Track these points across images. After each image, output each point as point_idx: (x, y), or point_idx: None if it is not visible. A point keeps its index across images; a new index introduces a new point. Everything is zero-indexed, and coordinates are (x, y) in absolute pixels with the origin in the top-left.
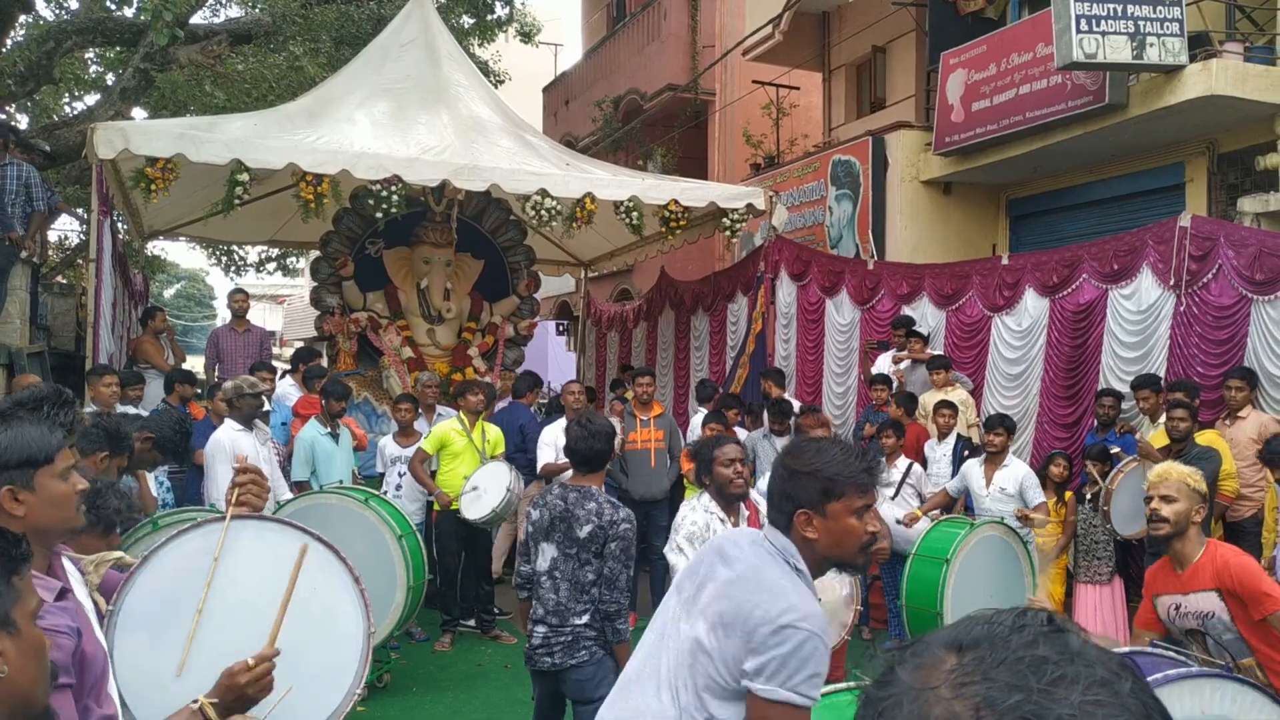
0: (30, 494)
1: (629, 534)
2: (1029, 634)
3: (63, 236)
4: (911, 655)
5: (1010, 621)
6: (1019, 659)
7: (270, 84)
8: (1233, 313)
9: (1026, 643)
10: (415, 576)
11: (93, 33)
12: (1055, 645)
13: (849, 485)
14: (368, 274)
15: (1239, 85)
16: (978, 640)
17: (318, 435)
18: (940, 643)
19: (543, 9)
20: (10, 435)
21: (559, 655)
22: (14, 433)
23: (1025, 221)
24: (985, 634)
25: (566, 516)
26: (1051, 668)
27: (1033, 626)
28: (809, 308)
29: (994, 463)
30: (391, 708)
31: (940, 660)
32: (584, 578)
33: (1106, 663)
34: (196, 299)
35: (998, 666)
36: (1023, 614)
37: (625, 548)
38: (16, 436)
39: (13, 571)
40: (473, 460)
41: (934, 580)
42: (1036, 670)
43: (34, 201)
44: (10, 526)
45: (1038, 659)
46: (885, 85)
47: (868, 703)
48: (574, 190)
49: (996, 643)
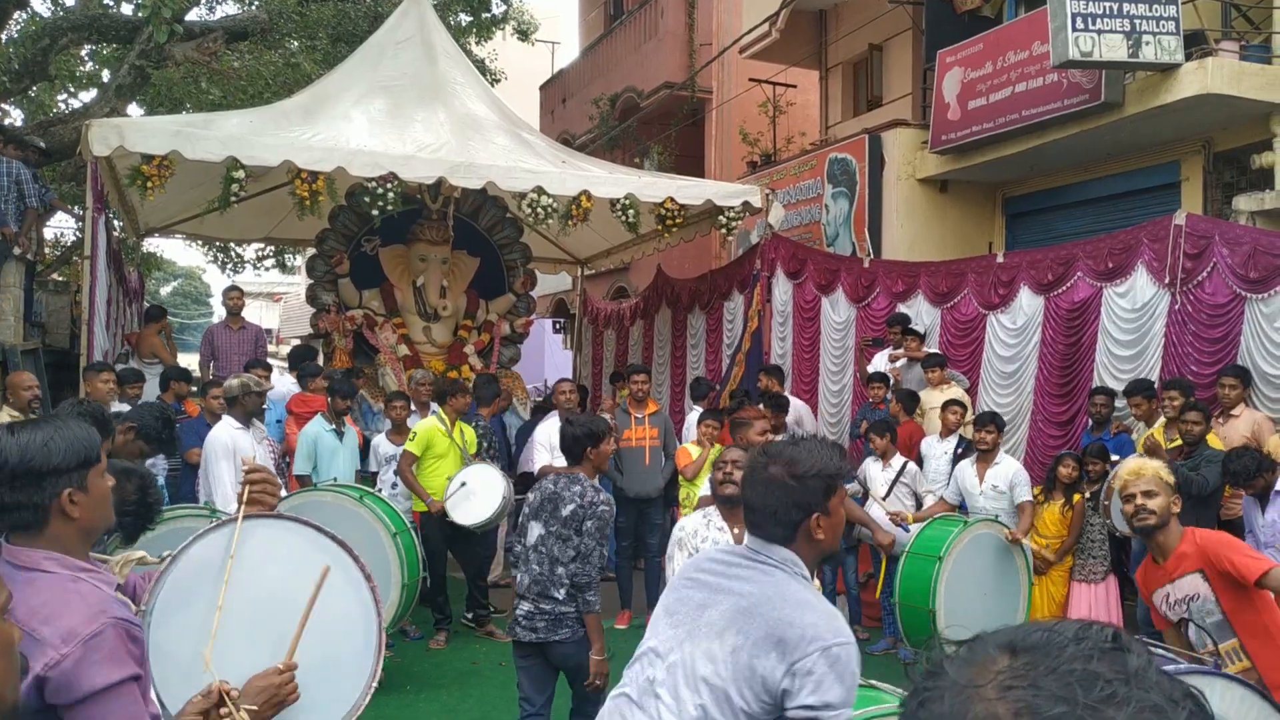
0: (84, 495)
1: (605, 515)
2: (1087, 647)
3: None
4: (965, 651)
5: (1072, 632)
6: (1071, 670)
7: (266, 81)
8: (1227, 311)
9: (1082, 655)
10: (410, 574)
11: (88, 29)
12: (1112, 662)
13: (840, 477)
14: (364, 271)
15: (1234, 84)
16: (1034, 645)
17: (322, 431)
18: (996, 642)
19: (540, 7)
20: (66, 436)
21: (542, 631)
22: (67, 433)
23: (1021, 220)
24: (1043, 640)
25: (554, 498)
26: (1103, 685)
27: (1093, 640)
28: (805, 306)
29: (985, 461)
30: (386, 706)
31: (992, 660)
32: (563, 555)
33: (1166, 689)
34: (193, 296)
35: (1048, 675)
36: (1087, 626)
37: (600, 527)
38: (72, 437)
39: None
40: (456, 460)
41: (927, 578)
42: (1086, 685)
43: (26, 198)
44: (63, 531)
45: (1090, 674)
46: (882, 83)
47: (914, 693)
48: (570, 188)
49: (1052, 650)
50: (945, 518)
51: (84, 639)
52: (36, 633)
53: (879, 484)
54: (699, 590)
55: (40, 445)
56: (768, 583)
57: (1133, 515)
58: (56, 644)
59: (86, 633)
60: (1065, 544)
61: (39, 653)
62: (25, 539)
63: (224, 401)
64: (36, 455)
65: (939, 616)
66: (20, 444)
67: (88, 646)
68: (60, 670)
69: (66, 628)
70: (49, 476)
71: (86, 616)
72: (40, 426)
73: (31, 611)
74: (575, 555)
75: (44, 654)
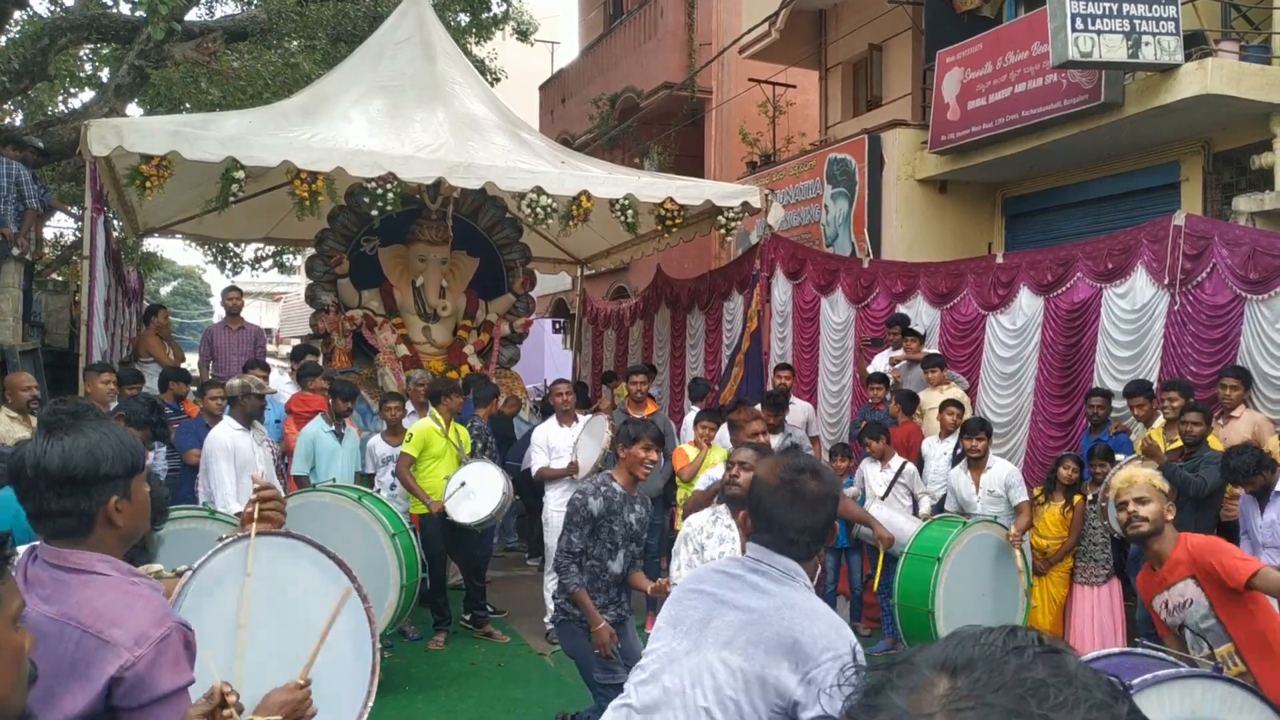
0: (128, 502)
1: (575, 503)
2: (1026, 655)
3: (58, 233)
4: (900, 677)
5: (1002, 642)
6: (1019, 682)
7: (265, 81)
8: (1226, 312)
9: (1023, 665)
10: (408, 575)
11: (88, 29)
12: (1052, 667)
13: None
14: (363, 272)
15: (1234, 84)
16: (971, 661)
17: (321, 432)
18: (929, 663)
19: (539, 7)
20: (113, 443)
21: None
22: (114, 439)
23: (1021, 220)
24: (979, 655)
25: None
26: (1052, 691)
27: (1028, 647)
28: (804, 306)
29: (978, 468)
30: (385, 706)
31: (931, 683)
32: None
33: (1102, 686)
34: (193, 296)
35: (996, 691)
36: (1013, 633)
37: (570, 514)
38: (119, 444)
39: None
40: (453, 460)
41: (926, 579)
42: (1036, 695)
43: (25, 199)
44: (106, 538)
45: (1037, 682)
46: (881, 83)
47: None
48: (570, 188)
49: (992, 665)
50: (944, 519)
51: (155, 641)
52: (105, 634)
53: (877, 484)
54: (703, 601)
55: (85, 452)
56: (776, 594)
57: (1126, 523)
58: (130, 646)
59: (157, 635)
60: (1065, 545)
61: (111, 655)
62: (71, 545)
63: (223, 402)
64: (82, 462)
65: (938, 618)
66: (64, 450)
67: (158, 649)
68: (134, 672)
69: (138, 630)
70: (97, 484)
71: (154, 619)
72: (85, 432)
73: (97, 613)
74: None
75: (118, 656)
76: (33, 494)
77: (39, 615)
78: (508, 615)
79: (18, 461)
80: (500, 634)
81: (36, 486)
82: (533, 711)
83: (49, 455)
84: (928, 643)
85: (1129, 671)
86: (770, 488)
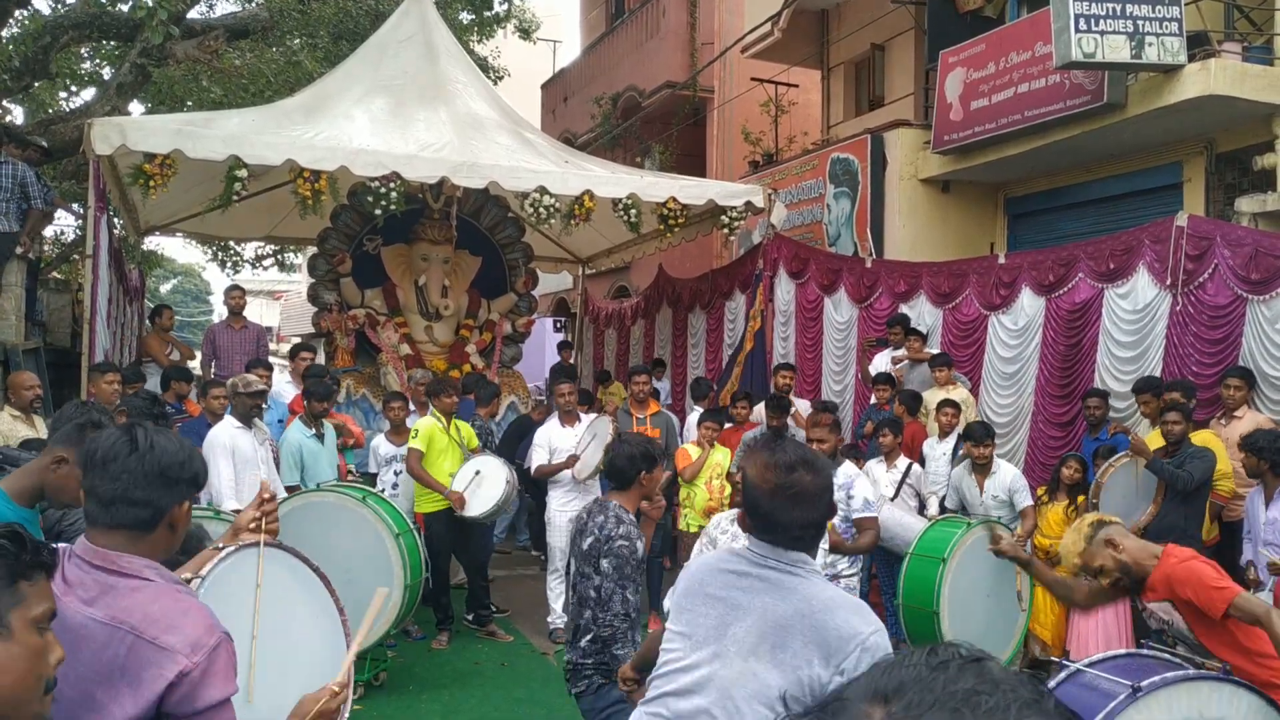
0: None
1: (625, 551)
2: (952, 669)
3: (58, 231)
4: (834, 715)
5: (925, 660)
6: (951, 694)
7: (268, 79)
8: (1228, 312)
9: (950, 678)
10: (412, 574)
11: (89, 27)
12: (978, 675)
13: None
14: (366, 271)
15: (1237, 85)
16: (901, 685)
17: (303, 438)
18: (861, 696)
19: (541, 5)
20: (198, 453)
21: (570, 683)
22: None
23: (1023, 220)
24: (907, 677)
25: (581, 527)
26: (985, 698)
27: (953, 661)
28: (807, 306)
29: (983, 472)
30: (388, 706)
31: (866, 715)
32: (585, 593)
33: (1026, 685)
34: (193, 294)
35: (932, 709)
36: (934, 650)
37: (619, 565)
38: (199, 454)
39: (21, 575)
40: (457, 456)
41: (931, 579)
42: (970, 704)
43: (31, 200)
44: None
45: (968, 692)
46: (884, 83)
47: None
48: (573, 188)
49: (921, 684)
50: (949, 519)
51: (209, 649)
52: (159, 640)
53: (884, 485)
54: (714, 607)
55: (185, 451)
56: (790, 591)
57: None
58: (187, 652)
59: (210, 643)
60: None
61: (166, 661)
62: (127, 541)
63: (225, 401)
64: (180, 460)
65: (943, 618)
66: (168, 445)
67: (211, 657)
68: (190, 680)
69: (193, 638)
70: (180, 484)
71: (205, 628)
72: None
73: (151, 619)
74: (597, 597)
75: (174, 663)
76: (121, 476)
77: (84, 617)
78: (511, 614)
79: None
80: (503, 633)
81: (129, 468)
82: (536, 711)
83: (161, 443)
84: (853, 678)
85: (1136, 672)
86: (766, 491)
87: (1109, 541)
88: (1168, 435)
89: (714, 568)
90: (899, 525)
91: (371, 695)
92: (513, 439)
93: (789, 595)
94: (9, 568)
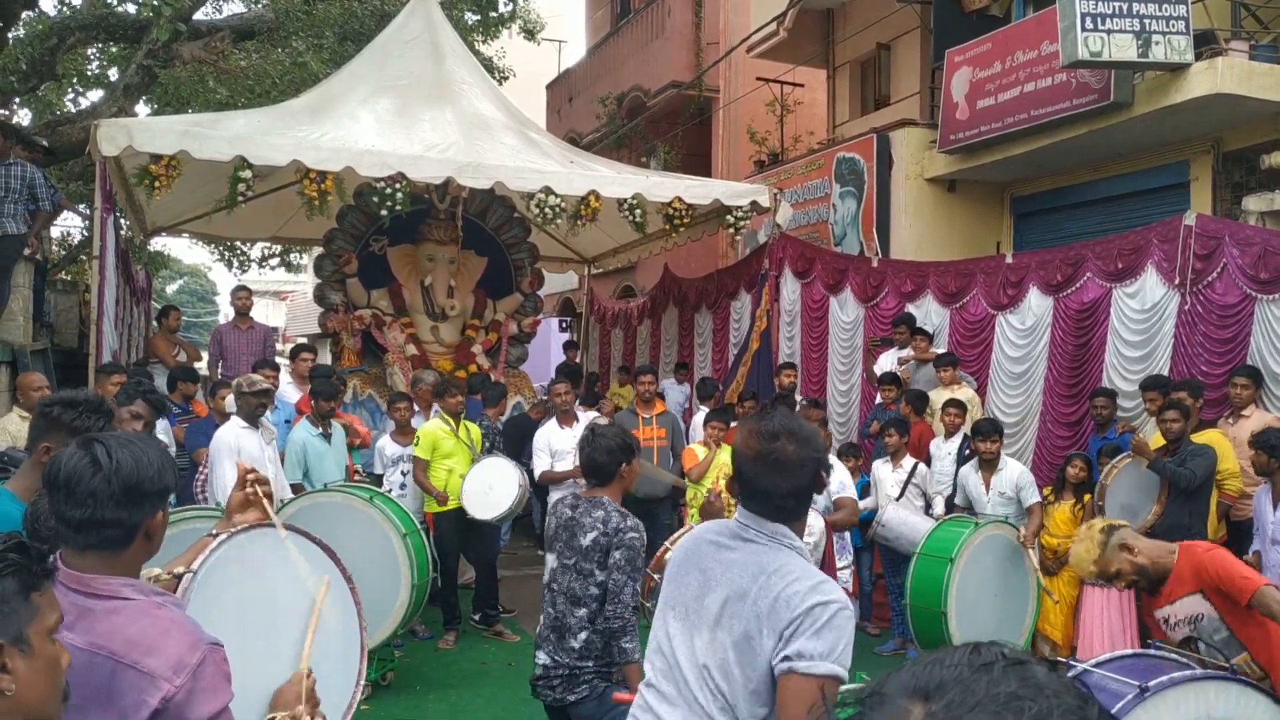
0: (165, 518)
1: (636, 544)
2: (996, 671)
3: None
4: (873, 710)
5: (969, 660)
6: (992, 698)
7: (274, 80)
8: (1237, 312)
9: (994, 681)
10: (419, 574)
11: (96, 29)
12: (1021, 679)
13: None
14: (372, 271)
15: (1244, 83)
16: (943, 684)
17: (309, 437)
18: (901, 692)
19: (546, 6)
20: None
21: (559, 689)
22: (164, 454)
23: (1029, 220)
24: (949, 676)
25: (571, 525)
26: (1028, 704)
27: (995, 662)
28: (813, 305)
29: (990, 469)
30: (395, 706)
31: (906, 711)
32: (582, 591)
33: (1071, 692)
34: (199, 294)
35: (972, 710)
36: (977, 650)
37: (631, 558)
38: (168, 459)
39: (32, 587)
40: (464, 457)
41: (938, 579)
42: (1011, 708)
43: (39, 201)
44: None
45: (1010, 696)
46: (889, 83)
47: None
48: (578, 188)
49: (963, 685)
50: (956, 519)
51: (192, 669)
52: (140, 665)
53: (889, 484)
54: (695, 578)
55: (152, 462)
56: (751, 562)
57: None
58: (169, 676)
59: (193, 662)
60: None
61: (150, 686)
62: (101, 561)
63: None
64: (148, 474)
65: (950, 618)
66: (134, 459)
67: (195, 676)
68: (175, 703)
69: (174, 659)
70: (151, 496)
71: (188, 645)
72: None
73: (130, 643)
74: (600, 594)
75: (157, 687)
76: (87, 501)
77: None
78: (517, 614)
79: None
80: (510, 633)
81: (94, 490)
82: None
83: (123, 458)
84: (891, 672)
85: (1144, 673)
86: (749, 458)
87: (1124, 546)
88: (1166, 433)
89: (702, 539)
90: (905, 525)
91: (379, 695)
92: (514, 439)
93: (754, 565)
94: (21, 582)
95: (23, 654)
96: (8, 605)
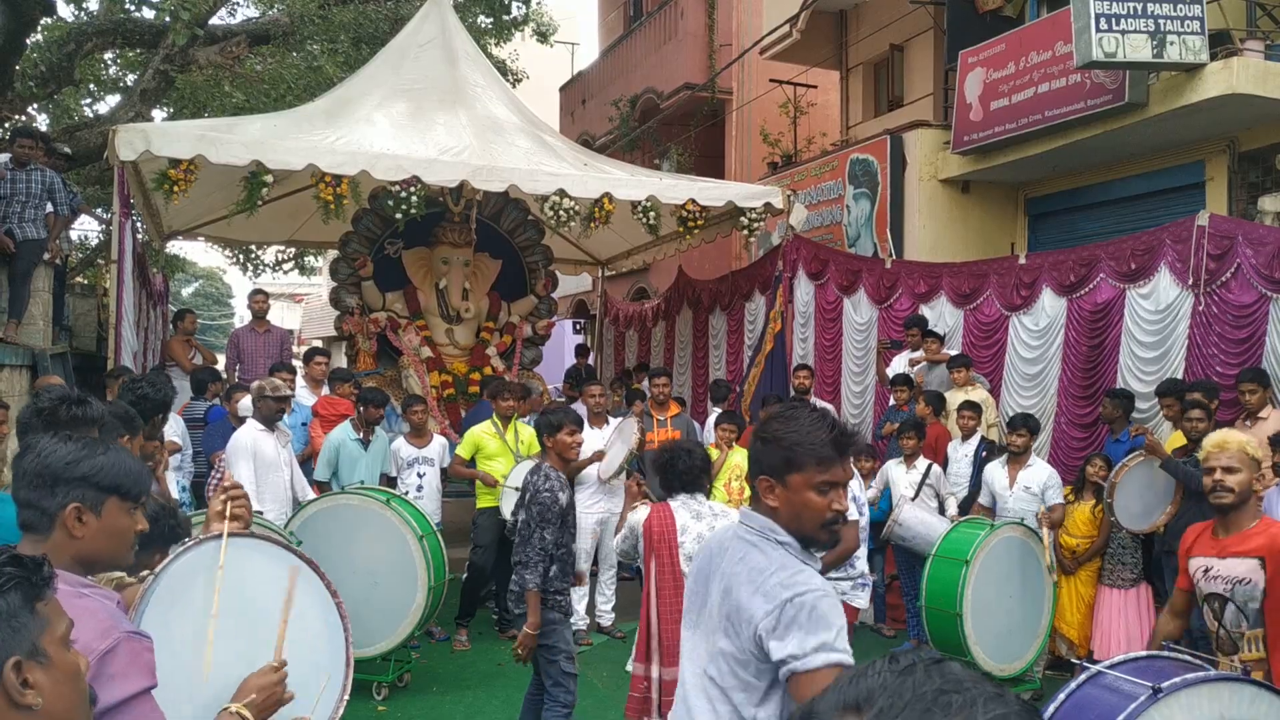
0: (94, 518)
1: (545, 500)
2: (918, 672)
3: (83, 237)
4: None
5: (889, 667)
6: (920, 696)
7: (289, 84)
8: (1251, 312)
9: (918, 681)
10: (436, 577)
11: (113, 34)
12: (943, 676)
13: (808, 457)
14: (386, 274)
15: (1260, 84)
16: (871, 693)
17: (347, 439)
18: (832, 709)
19: (559, 8)
20: (103, 458)
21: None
22: (108, 456)
23: (1044, 220)
24: (876, 685)
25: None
26: (954, 697)
27: (917, 665)
28: (827, 307)
29: (1017, 463)
30: (412, 707)
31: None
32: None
33: (987, 681)
34: (214, 297)
35: (904, 711)
36: (895, 657)
37: (541, 512)
38: (109, 461)
39: (36, 598)
40: (508, 461)
41: (954, 581)
42: (939, 703)
43: (57, 206)
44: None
45: (937, 692)
46: (903, 84)
47: None
48: (592, 190)
49: (890, 691)
50: (971, 520)
51: (99, 655)
52: None
53: (903, 485)
54: (700, 585)
55: (64, 453)
56: (735, 559)
57: (1210, 490)
58: None
59: (101, 648)
60: (1095, 544)
61: None
62: (30, 545)
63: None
64: (55, 460)
65: (966, 620)
66: (51, 446)
67: (103, 662)
68: None
69: (81, 644)
70: (62, 484)
71: (98, 633)
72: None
73: None
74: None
75: None
76: (16, 479)
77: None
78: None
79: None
80: None
81: (20, 469)
82: None
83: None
84: (820, 693)
85: (1157, 674)
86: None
87: (1259, 478)
88: (1190, 433)
89: (711, 545)
90: (922, 525)
91: (395, 696)
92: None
93: (743, 564)
94: (24, 595)
95: (42, 666)
96: (16, 620)
